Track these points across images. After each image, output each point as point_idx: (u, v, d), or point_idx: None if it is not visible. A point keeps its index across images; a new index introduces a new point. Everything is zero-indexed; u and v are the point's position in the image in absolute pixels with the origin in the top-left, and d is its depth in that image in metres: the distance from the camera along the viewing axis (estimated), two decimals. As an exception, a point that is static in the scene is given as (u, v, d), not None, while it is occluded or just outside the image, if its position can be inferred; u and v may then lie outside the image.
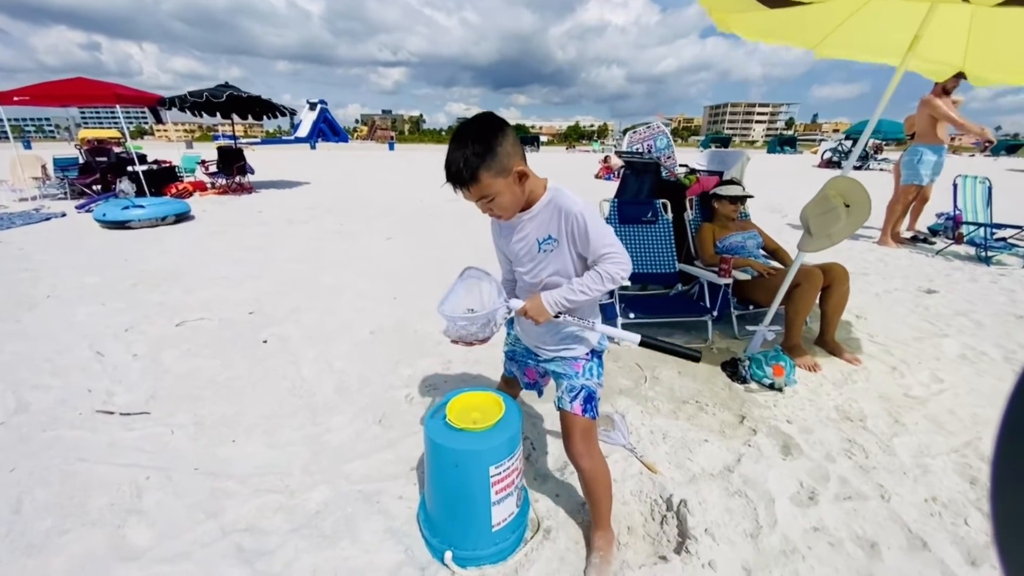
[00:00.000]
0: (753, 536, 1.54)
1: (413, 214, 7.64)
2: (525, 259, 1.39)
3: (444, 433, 1.32)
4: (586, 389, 1.40)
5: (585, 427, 1.37)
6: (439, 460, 1.32)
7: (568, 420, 1.37)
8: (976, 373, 2.69)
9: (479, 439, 1.29)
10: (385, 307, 3.56)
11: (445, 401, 1.46)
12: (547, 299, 1.31)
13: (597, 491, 1.40)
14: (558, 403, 1.41)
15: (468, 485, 1.30)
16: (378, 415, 2.19)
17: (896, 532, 1.58)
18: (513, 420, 1.38)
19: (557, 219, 1.28)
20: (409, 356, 2.78)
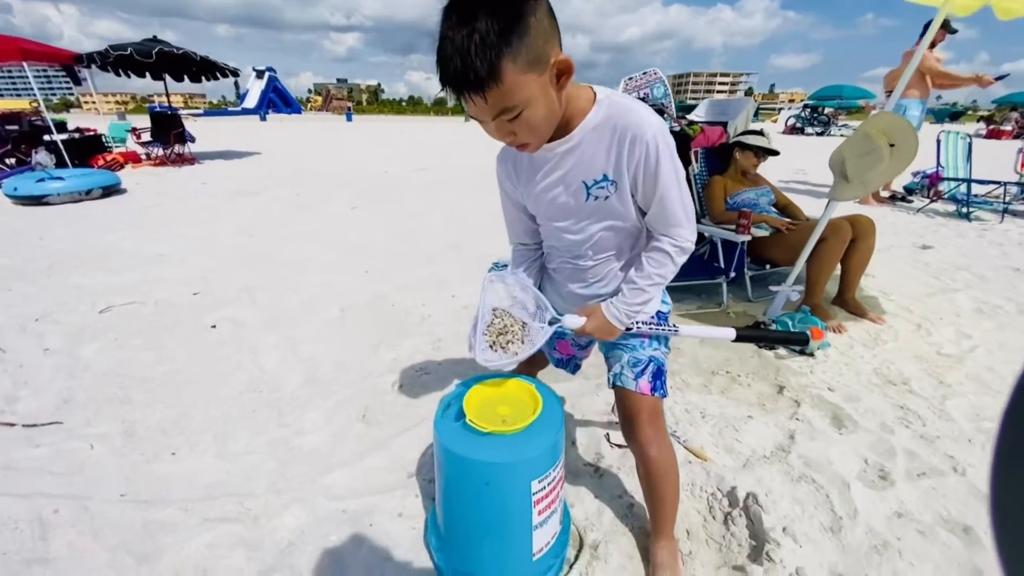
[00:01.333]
0: (834, 531, 1.28)
1: (378, 185, 7.02)
2: (561, 212, 1.02)
3: (466, 439, 0.95)
4: (654, 361, 1.07)
5: (655, 409, 1.05)
6: (462, 477, 0.96)
7: (633, 401, 1.04)
8: (998, 327, 2.57)
9: (515, 445, 0.94)
10: (356, 281, 3.11)
11: (459, 393, 1.09)
12: (612, 314, 1.01)
13: (664, 488, 1.09)
14: (616, 380, 1.07)
15: (503, 507, 0.95)
16: (360, 409, 1.80)
17: (984, 512, 1.36)
18: (554, 415, 1.03)
19: (616, 148, 0.90)
20: (390, 336, 2.38)
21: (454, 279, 3.18)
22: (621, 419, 1.08)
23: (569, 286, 1.13)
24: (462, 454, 0.93)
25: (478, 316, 1.09)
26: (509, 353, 1.03)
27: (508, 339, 1.05)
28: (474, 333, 1.08)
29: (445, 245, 3.95)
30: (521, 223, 1.16)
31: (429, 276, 3.23)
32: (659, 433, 1.05)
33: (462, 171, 8.51)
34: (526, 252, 1.20)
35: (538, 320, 1.07)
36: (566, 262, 1.10)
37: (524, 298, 1.09)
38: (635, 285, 0.99)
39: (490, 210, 5.38)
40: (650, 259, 0.98)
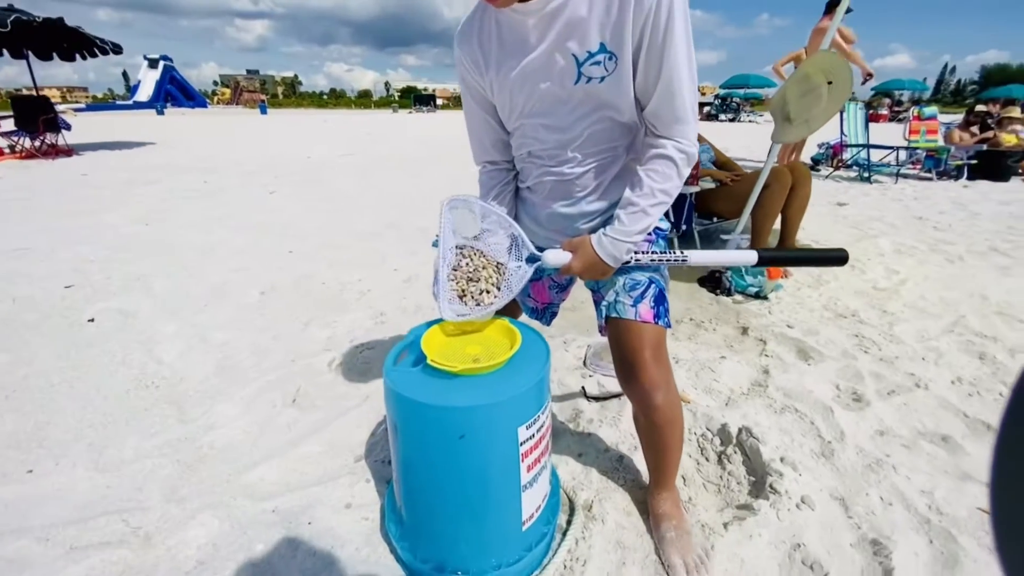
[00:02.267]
0: (826, 456, 1.22)
1: (300, 169, 6.40)
2: (543, 104, 0.82)
3: (429, 385, 0.73)
4: (655, 284, 0.90)
5: (658, 342, 0.88)
6: (428, 433, 0.74)
7: (633, 335, 0.87)
8: (918, 263, 2.77)
9: (494, 385, 0.73)
10: (278, 262, 2.71)
11: (413, 338, 0.86)
12: (605, 250, 0.82)
13: (671, 438, 0.93)
14: (611, 311, 0.90)
15: (483, 466, 0.75)
16: (290, 393, 1.49)
17: (955, 420, 1.37)
18: (538, 348, 0.83)
19: (617, 5, 0.71)
20: (324, 313, 2.06)
21: (394, 253, 2.88)
22: (619, 360, 0.90)
23: (551, 206, 0.93)
24: (426, 402, 0.70)
25: (439, 258, 0.86)
26: (484, 304, 0.82)
27: (481, 286, 0.83)
28: (436, 282, 0.85)
29: (381, 223, 3.61)
30: (489, 132, 0.94)
31: (366, 252, 2.91)
32: (665, 373, 0.88)
33: (394, 157, 8.05)
34: (496, 174, 0.99)
35: (513, 258, 0.86)
36: (547, 173, 0.90)
37: (496, 231, 0.88)
38: (634, 207, 0.80)
39: (427, 191, 5.08)
40: (651, 172, 0.79)
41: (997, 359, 1.71)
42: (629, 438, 1.27)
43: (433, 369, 0.75)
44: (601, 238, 0.82)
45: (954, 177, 6.05)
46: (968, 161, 6.04)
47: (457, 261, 0.87)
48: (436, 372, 0.75)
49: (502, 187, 0.99)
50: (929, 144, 6.32)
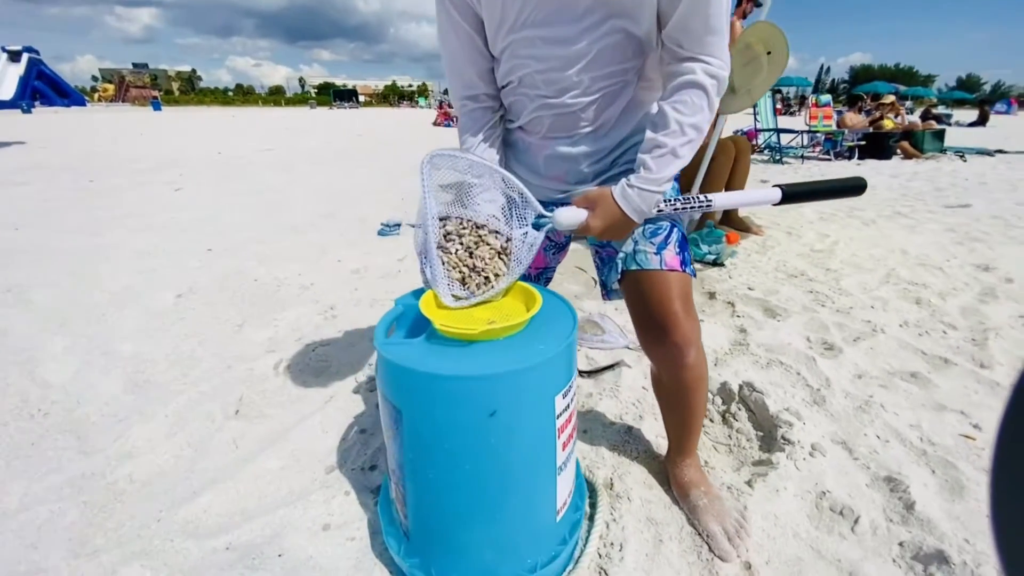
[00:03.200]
0: (818, 403, 1.22)
1: (210, 165, 5.71)
2: (544, 9, 0.70)
3: (442, 355, 0.58)
4: (677, 228, 0.81)
5: (687, 291, 0.79)
6: (448, 412, 0.59)
7: (661, 286, 0.77)
8: (842, 227, 3.02)
9: (523, 347, 0.60)
10: (195, 261, 2.33)
11: (404, 308, 0.69)
12: (630, 203, 0.70)
13: (698, 400, 0.85)
14: (630, 264, 0.79)
15: (518, 446, 0.61)
16: (231, 403, 1.24)
17: (916, 359, 1.46)
18: (559, 307, 0.71)
19: None
20: (260, 312, 1.77)
21: (335, 244, 2.60)
22: (645, 318, 0.79)
23: (549, 146, 0.81)
24: (447, 373, 0.55)
25: (423, 232, 0.70)
26: (488, 288, 0.69)
27: (485, 264, 0.69)
28: (427, 262, 0.70)
29: (316, 215, 3.27)
30: (473, 58, 0.80)
31: (302, 245, 2.60)
32: (697, 327, 0.79)
33: (320, 151, 7.48)
34: (479, 113, 0.85)
35: (516, 222, 0.73)
36: (544, 105, 0.77)
37: (490, 188, 0.74)
38: (662, 149, 0.68)
39: (363, 183, 4.75)
40: (678, 104, 0.68)
41: (932, 303, 1.86)
42: (632, 408, 1.19)
43: (441, 337, 0.60)
44: (625, 190, 0.70)
45: (847, 157, 6.81)
46: (859, 143, 6.82)
47: (446, 232, 0.71)
48: (446, 340, 0.60)
49: (489, 130, 0.85)
50: (827, 128, 7.06)
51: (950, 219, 3.29)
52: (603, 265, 0.89)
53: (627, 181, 0.70)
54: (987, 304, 1.85)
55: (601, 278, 0.91)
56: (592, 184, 0.83)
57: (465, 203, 0.73)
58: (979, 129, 13.82)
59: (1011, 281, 2.08)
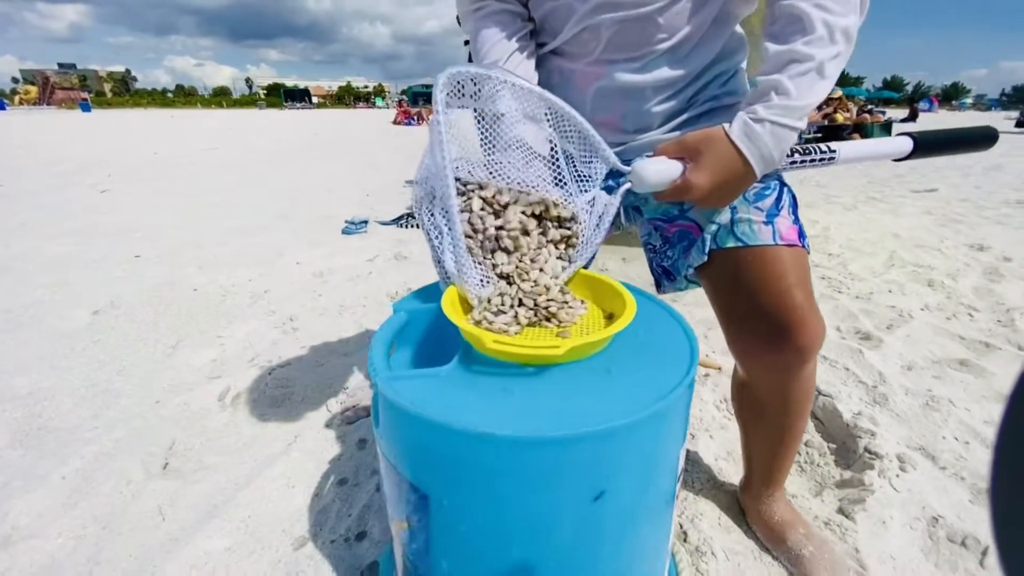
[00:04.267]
0: (880, 402, 1.06)
1: (146, 166, 5.13)
2: None
3: (493, 397, 0.35)
4: (787, 188, 0.61)
5: (806, 272, 0.59)
6: (521, 499, 0.34)
7: (775, 266, 0.57)
8: (826, 212, 3.01)
9: (620, 377, 0.37)
10: (118, 271, 1.95)
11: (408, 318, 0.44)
12: (758, 140, 0.48)
13: (803, 419, 0.66)
14: (727, 239, 0.59)
15: (631, 532, 0.37)
16: (156, 455, 0.93)
17: (956, 344, 1.35)
18: (655, 310, 0.49)
19: None
20: (201, 328, 1.45)
21: (293, 246, 2.27)
22: (748, 316, 0.58)
23: (604, 76, 0.58)
24: (520, 435, 0.31)
25: (439, 200, 0.46)
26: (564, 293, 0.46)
27: (525, 266, 0.46)
28: (444, 245, 0.45)
29: (269, 215, 2.91)
30: None
31: (253, 247, 2.25)
32: (823, 324, 0.58)
33: (271, 150, 6.95)
34: (507, 17, 0.61)
35: (573, 185, 0.50)
36: (603, 6, 0.54)
37: (533, 129, 0.50)
38: (804, 64, 0.47)
39: (320, 181, 4.37)
40: (821, 2, 0.47)
41: (945, 284, 1.77)
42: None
43: (480, 363, 0.35)
44: (749, 126, 0.47)
45: (806, 148, 7.02)
46: (815, 135, 7.05)
47: (477, 220, 0.47)
48: (489, 369, 0.35)
49: (522, 41, 0.61)
50: (786, 120, 7.26)
51: (922, 203, 3.33)
52: (667, 245, 0.67)
53: (750, 114, 0.48)
54: (997, 283, 1.79)
55: (660, 264, 0.69)
56: (658, 133, 0.61)
57: (492, 167, 0.48)
58: (911, 124, 14.87)
59: (1009, 260, 2.04)
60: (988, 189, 3.86)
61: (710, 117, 0.60)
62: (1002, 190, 3.83)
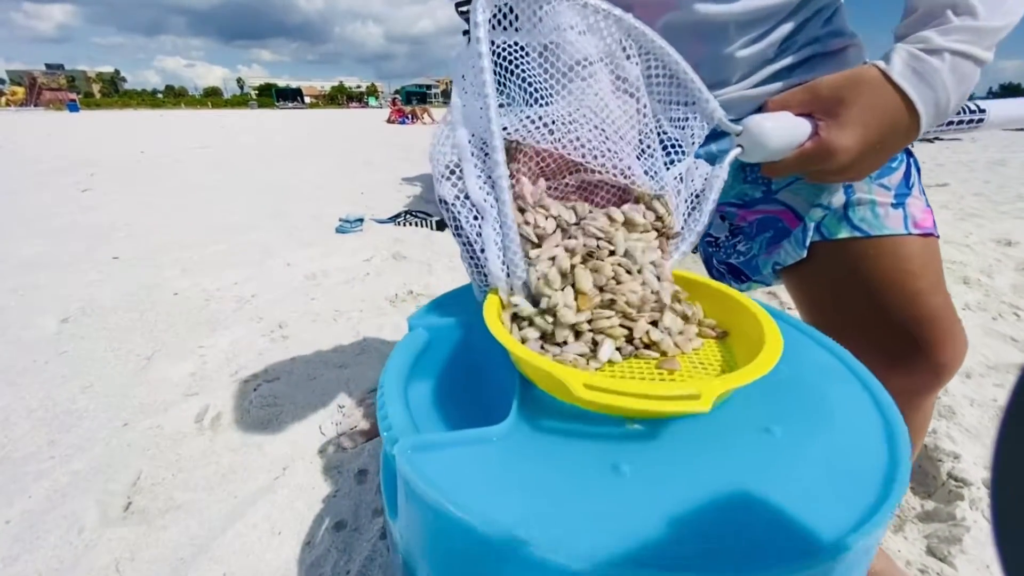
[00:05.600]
0: (947, 416, 0.93)
1: (131, 165, 4.95)
2: None
3: (601, 482, 0.21)
4: (915, 163, 0.48)
5: (940, 265, 0.46)
6: None
7: (904, 262, 0.44)
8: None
9: (835, 456, 0.23)
10: (93, 274, 1.80)
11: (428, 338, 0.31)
12: (929, 78, 0.34)
13: (917, 449, 0.53)
14: (837, 227, 0.46)
15: None
16: (118, 492, 0.79)
17: (1009, 347, 1.24)
18: (795, 331, 0.35)
19: None
20: (180, 339, 1.31)
21: (284, 246, 2.13)
22: (871, 326, 0.46)
23: (678, 4, 0.44)
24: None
25: (469, 170, 0.33)
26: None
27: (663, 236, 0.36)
28: (510, 252, 0.32)
29: (259, 214, 2.76)
30: None
31: (241, 247, 2.11)
32: (964, 334, 0.46)
33: (263, 148, 6.78)
34: None
35: (656, 153, 0.38)
36: None
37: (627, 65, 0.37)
38: None
39: (312, 178, 4.22)
40: None
41: (981, 282, 1.66)
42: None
43: (556, 417, 0.22)
44: (920, 58, 0.35)
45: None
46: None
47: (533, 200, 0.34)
48: (571, 426, 0.22)
49: None
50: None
51: (937, 197, 3.23)
52: (738, 237, 0.54)
53: (919, 43, 0.35)
54: (1035, 281, 1.68)
55: (724, 260, 0.57)
56: (738, 89, 0.47)
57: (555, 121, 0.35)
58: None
59: (1042, 255, 1.94)
60: (997, 183, 3.78)
61: (810, 68, 0.47)
62: (1011, 184, 3.75)
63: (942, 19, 0.35)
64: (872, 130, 0.36)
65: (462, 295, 0.42)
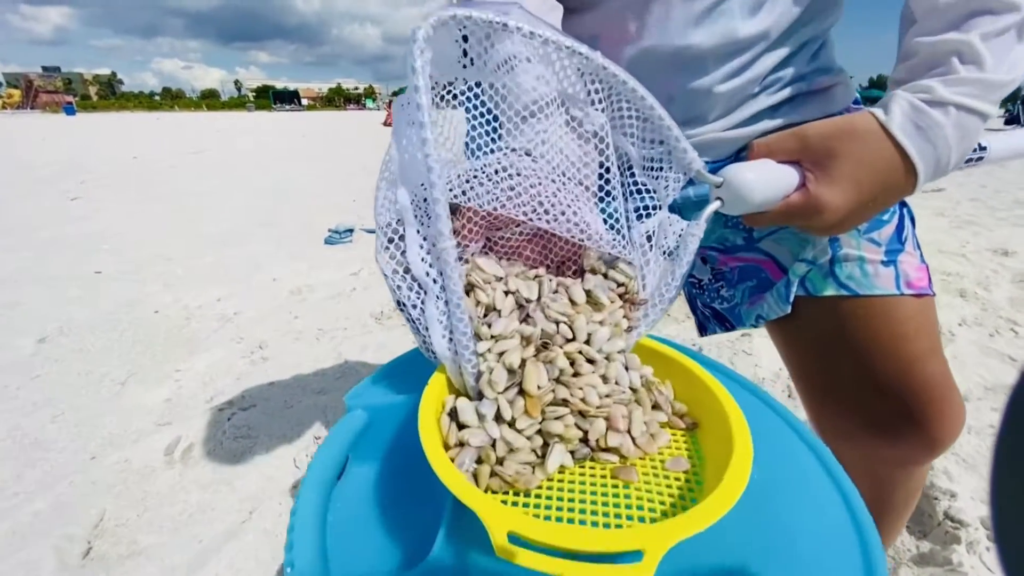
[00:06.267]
0: (947, 450, 0.91)
1: (123, 171, 4.91)
2: None
3: None
4: (909, 214, 0.46)
5: (936, 327, 0.44)
6: None
7: (895, 324, 0.41)
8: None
9: None
10: (74, 289, 1.77)
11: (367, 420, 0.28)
12: (930, 132, 0.31)
13: (900, 523, 0.51)
14: (823, 284, 0.43)
15: None
16: (78, 536, 0.76)
17: (1007, 367, 1.19)
18: (773, 416, 0.32)
19: None
20: (158, 361, 1.27)
21: (273, 258, 2.09)
22: (855, 393, 0.43)
23: (649, 32, 0.41)
24: None
25: (432, 264, 0.29)
26: None
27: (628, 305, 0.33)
28: (457, 331, 0.29)
29: (251, 223, 2.73)
30: None
31: (229, 260, 2.07)
32: (963, 406, 0.44)
33: (257, 153, 6.74)
34: None
35: (625, 205, 0.37)
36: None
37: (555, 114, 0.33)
38: (1000, 20, 0.31)
39: (308, 184, 4.19)
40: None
41: (978, 295, 1.64)
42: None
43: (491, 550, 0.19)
44: (922, 111, 0.31)
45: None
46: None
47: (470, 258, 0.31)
48: (515, 571, 0.19)
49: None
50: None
51: (932, 203, 3.21)
52: (719, 282, 0.51)
53: (922, 93, 0.32)
54: (1032, 293, 1.66)
55: (708, 304, 0.54)
56: (714, 130, 0.44)
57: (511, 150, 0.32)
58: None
59: (1039, 265, 1.92)
60: (994, 188, 3.76)
61: (795, 107, 0.44)
62: (1008, 188, 3.73)
63: (947, 67, 0.32)
64: (864, 188, 0.32)
65: (415, 361, 0.39)
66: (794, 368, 0.48)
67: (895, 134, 0.31)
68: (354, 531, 0.24)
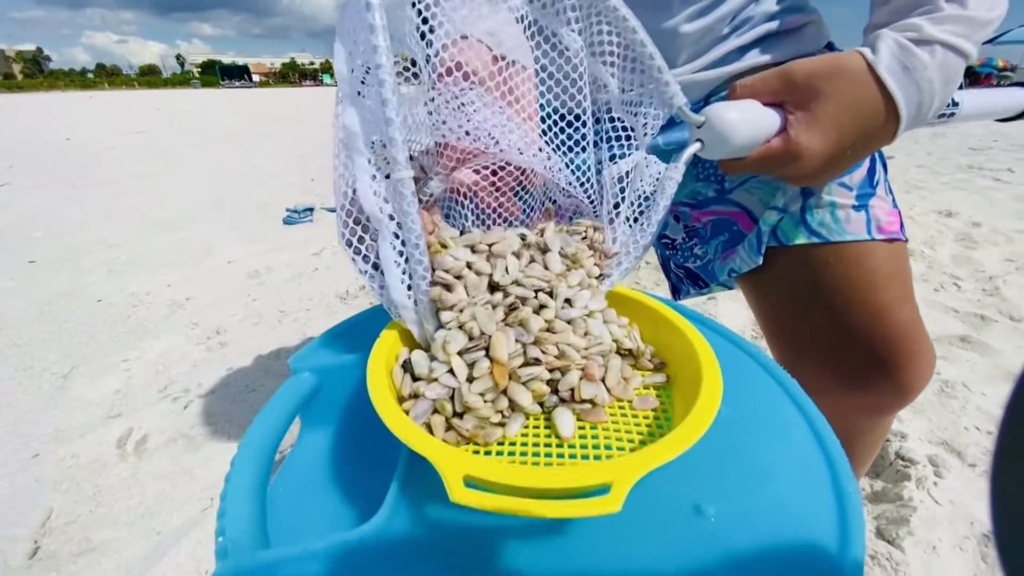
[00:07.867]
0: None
1: (55, 154, 4.52)
2: None
3: None
4: (881, 159, 0.46)
5: (909, 276, 0.44)
6: None
7: (867, 271, 0.41)
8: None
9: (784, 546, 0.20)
10: (5, 282, 1.62)
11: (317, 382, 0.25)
12: (916, 72, 0.30)
13: (864, 467, 0.53)
14: (795, 232, 0.42)
15: None
16: (23, 537, 0.70)
17: (951, 319, 1.28)
18: (740, 354, 0.31)
19: None
20: (103, 351, 1.19)
21: (226, 241, 1.98)
22: (826, 341, 0.43)
23: None
24: None
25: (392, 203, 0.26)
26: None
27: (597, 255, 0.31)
28: (417, 279, 0.27)
29: (199, 205, 2.56)
30: None
31: (177, 244, 1.94)
32: (933, 350, 0.44)
33: (205, 133, 6.32)
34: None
35: (602, 145, 0.35)
36: None
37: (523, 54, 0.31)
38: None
39: (262, 163, 3.97)
40: None
41: (925, 253, 1.73)
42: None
43: (451, 508, 0.17)
44: (908, 50, 0.31)
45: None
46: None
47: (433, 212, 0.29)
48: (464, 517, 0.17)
49: None
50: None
51: (883, 169, 3.36)
52: (693, 240, 0.51)
53: (908, 31, 0.31)
54: (973, 250, 1.76)
55: (682, 264, 0.53)
56: (685, 71, 0.42)
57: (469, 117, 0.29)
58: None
59: (979, 225, 2.04)
60: (939, 155, 3.96)
61: (765, 48, 0.43)
62: (952, 155, 3.94)
63: (931, 5, 0.31)
64: (845, 133, 0.31)
65: (369, 320, 0.36)
66: (767, 323, 0.48)
67: (882, 75, 0.31)
68: (300, 497, 0.22)
